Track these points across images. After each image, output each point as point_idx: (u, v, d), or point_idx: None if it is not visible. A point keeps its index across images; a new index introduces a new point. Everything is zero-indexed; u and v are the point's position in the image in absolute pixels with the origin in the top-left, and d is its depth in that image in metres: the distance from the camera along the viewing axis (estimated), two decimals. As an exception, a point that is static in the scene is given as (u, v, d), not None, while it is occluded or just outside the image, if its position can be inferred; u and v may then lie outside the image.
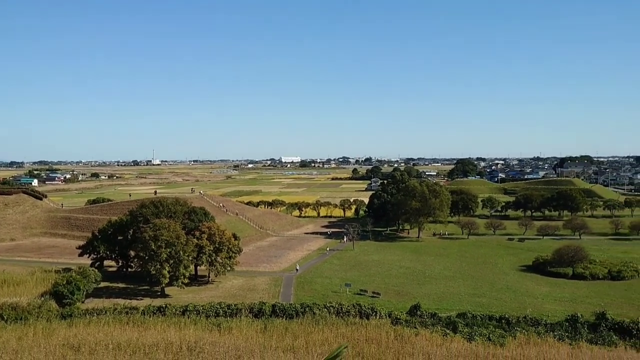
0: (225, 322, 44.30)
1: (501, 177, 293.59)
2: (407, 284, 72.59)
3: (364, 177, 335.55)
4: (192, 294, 66.66)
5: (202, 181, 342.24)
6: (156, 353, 31.68)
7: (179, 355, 32.16)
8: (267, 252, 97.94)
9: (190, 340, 35.64)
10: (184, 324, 43.96)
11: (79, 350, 31.72)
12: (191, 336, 37.33)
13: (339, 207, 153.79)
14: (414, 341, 38.71)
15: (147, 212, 76.84)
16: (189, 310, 47.96)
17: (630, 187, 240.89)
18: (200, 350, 33.41)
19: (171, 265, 65.18)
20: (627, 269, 76.53)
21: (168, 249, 64.80)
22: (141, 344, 34.27)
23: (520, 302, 61.91)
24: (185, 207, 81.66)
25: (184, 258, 65.83)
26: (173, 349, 33.48)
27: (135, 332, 38.71)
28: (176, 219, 75.31)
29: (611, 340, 42.39)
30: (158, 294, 67.20)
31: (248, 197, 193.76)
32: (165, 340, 35.55)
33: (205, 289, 71.12)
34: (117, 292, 68.49)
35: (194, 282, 73.68)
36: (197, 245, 69.87)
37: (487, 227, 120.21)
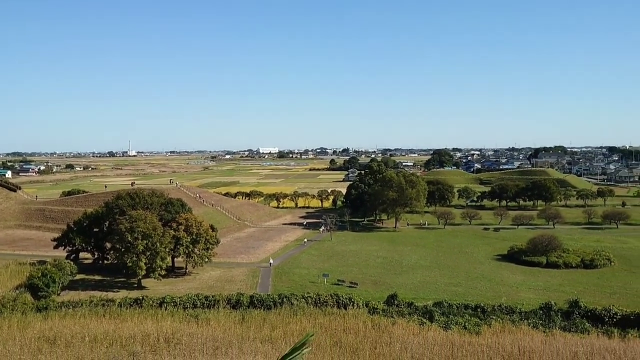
0: (202, 314, 44.28)
1: (477, 167, 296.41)
2: (384, 273, 73.11)
3: (341, 167, 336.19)
4: (169, 286, 66.38)
5: (179, 172, 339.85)
6: (133, 345, 31.59)
7: (156, 347, 32.09)
8: (245, 243, 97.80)
9: (168, 332, 35.57)
10: (161, 315, 43.85)
11: (54, 343, 31.49)
12: (168, 328, 37.26)
13: (317, 197, 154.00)
14: (391, 330, 39.13)
15: (123, 203, 76.18)
16: (166, 302, 47.80)
17: (603, 177, 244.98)
18: (177, 341, 33.37)
19: (148, 257, 64.78)
20: (600, 258, 77.93)
21: (144, 241, 64.38)
22: (118, 336, 34.13)
23: (496, 291, 62.76)
24: (162, 199, 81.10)
25: (160, 250, 65.47)
26: (150, 340, 33.39)
27: (112, 325, 38.53)
28: (153, 211, 74.78)
29: (584, 328, 43.30)
30: (135, 286, 66.80)
31: (226, 188, 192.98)
32: (142, 332, 35.44)
33: (182, 280, 70.86)
34: (93, 285, 67.91)
35: (171, 273, 73.35)
36: (174, 237, 69.50)
37: (463, 217, 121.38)
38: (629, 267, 76.53)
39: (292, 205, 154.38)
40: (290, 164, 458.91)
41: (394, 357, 31.95)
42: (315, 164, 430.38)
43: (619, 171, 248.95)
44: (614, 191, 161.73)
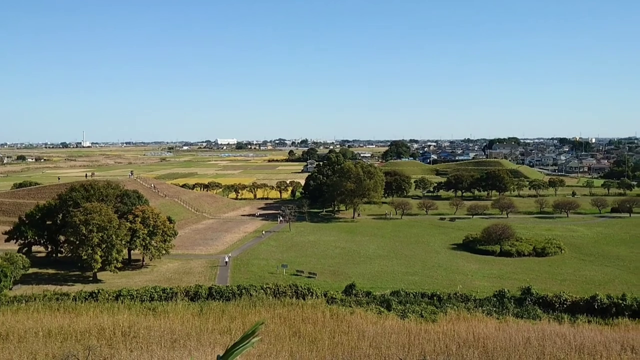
0: (160, 306, 43.92)
1: (433, 158, 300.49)
2: (342, 264, 73.71)
3: (300, 159, 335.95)
4: (125, 279, 65.51)
5: (135, 163, 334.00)
6: (89, 339, 31.19)
7: (112, 340, 31.74)
8: (203, 234, 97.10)
9: (124, 325, 35.20)
10: (117, 309, 43.29)
11: (7, 339, 30.83)
12: (125, 321, 36.85)
13: (276, 189, 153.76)
14: (349, 320, 39.59)
15: (77, 195, 74.64)
16: (122, 295, 47.19)
17: (554, 167, 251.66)
18: (134, 335, 33.07)
19: (103, 249, 63.75)
20: (551, 246, 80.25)
21: (100, 233, 63.31)
22: (73, 330, 33.63)
23: (451, 279, 64.00)
24: (118, 190, 79.80)
25: (116, 242, 64.51)
26: (106, 334, 33.01)
27: (67, 319, 37.91)
28: (108, 203, 73.54)
29: (536, 314, 44.62)
30: (90, 279, 65.69)
31: (183, 179, 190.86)
32: (98, 325, 35.00)
33: (139, 273, 70.00)
34: (47, 278, 66.47)
35: (127, 266, 72.38)
36: (130, 229, 68.55)
37: (419, 207, 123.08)
38: (578, 254, 79.07)
39: (251, 197, 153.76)
40: (249, 155, 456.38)
41: (352, 346, 32.37)
42: (274, 155, 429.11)
43: (569, 162, 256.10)
44: (564, 181, 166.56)
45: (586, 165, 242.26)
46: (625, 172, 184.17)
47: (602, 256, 77.49)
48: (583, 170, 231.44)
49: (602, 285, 59.24)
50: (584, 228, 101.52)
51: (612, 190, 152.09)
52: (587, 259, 75.99)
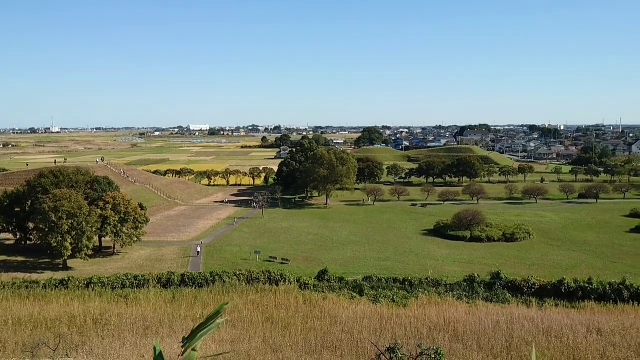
0: (132, 294, 43.63)
1: (406, 145, 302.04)
2: (315, 250, 74.01)
3: (273, 145, 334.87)
4: (96, 266, 64.84)
5: (105, 150, 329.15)
6: (59, 327, 30.89)
7: (83, 328, 31.49)
8: (175, 221, 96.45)
9: (96, 313, 34.95)
10: (88, 296, 42.93)
11: (-25, 328, 30.37)
12: (96, 309, 36.58)
13: (249, 175, 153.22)
14: (322, 305, 39.88)
15: (46, 182, 73.41)
16: (93, 282, 46.77)
17: (524, 154, 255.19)
18: (106, 322, 32.85)
19: (73, 237, 62.92)
20: (520, 231, 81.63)
21: (70, 220, 62.45)
22: (43, 318, 33.27)
23: (423, 264, 64.74)
24: (88, 177, 78.68)
25: (87, 229, 63.72)
26: (77, 322, 32.74)
27: (37, 307, 37.47)
28: (78, 189, 72.51)
29: (505, 298, 45.48)
30: (60, 266, 64.85)
31: (155, 165, 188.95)
32: (68, 313, 34.69)
33: (110, 260, 69.34)
34: (16, 266, 65.43)
35: (98, 253, 71.64)
36: (101, 216, 67.75)
37: (392, 193, 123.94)
38: (546, 239, 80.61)
39: (224, 183, 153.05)
40: (221, 141, 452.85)
41: (324, 331, 32.64)
42: (247, 141, 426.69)
43: (538, 149, 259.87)
44: (533, 168, 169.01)
45: (555, 152, 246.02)
46: (593, 158, 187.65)
47: (570, 241, 79.12)
48: (552, 157, 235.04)
49: (569, 269, 60.52)
50: (552, 214, 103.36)
51: (579, 176, 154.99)
52: (555, 244, 77.50)
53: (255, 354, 26.32)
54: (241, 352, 26.71)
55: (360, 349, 27.57)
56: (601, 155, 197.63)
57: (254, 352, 26.83)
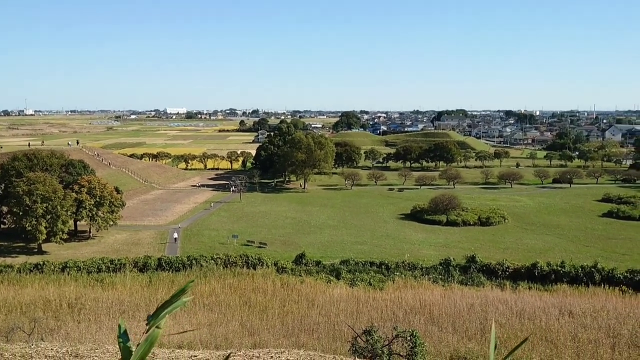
0: (108, 278, 43.47)
1: (383, 129, 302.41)
2: (292, 234, 74.16)
3: (251, 129, 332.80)
4: (72, 250, 64.25)
5: (81, 133, 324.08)
6: (34, 311, 30.69)
7: (59, 312, 31.35)
8: (152, 205, 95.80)
9: (71, 297, 34.78)
10: (63, 280, 42.64)
11: (-52, 312, 30.05)
12: (72, 293, 36.39)
13: (226, 159, 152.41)
14: (299, 289, 40.14)
15: (19, 165, 72.29)
16: (68, 266, 46.41)
17: (500, 139, 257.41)
18: (81, 306, 32.73)
19: (48, 220, 62.22)
20: (495, 215, 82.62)
21: (44, 204, 61.70)
22: (18, 302, 33.03)
23: (399, 248, 65.26)
24: (62, 160, 77.64)
25: (62, 213, 63.03)
26: (52, 306, 32.56)
27: (11, 291, 37.14)
28: (52, 173, 71.56)
29: (480, 281, 46.18)
30: (35, 251, 64.14)
31: (131, 149, 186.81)
32: (43, 298, 34.47)
33: (86, 244, 68.75)
34: (-11, 251, 64.61)
35: (74, 237, 70.95)
36: (76, 200, 67.02)
37: (369, 177, 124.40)
38: (521, 223, 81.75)
39: (201, 167, 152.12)
40: (199, 125, 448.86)
41: (302, 314, 32.88)
42: (224, 125, 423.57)
43: (514, 134, 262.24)
44: (509, 153, 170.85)
45: (530, 137, 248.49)
46: (567, 144, 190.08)
47: (543, 225, 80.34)
48: (527, 142, 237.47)
49: (543, 253, 61.45)
50: (526, 198, 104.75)
51: (554, 161, 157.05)
52: (529, 228, 78.65)
53: (232, 337, 26.43)
54: (218, 335, 26.80)
55: (337, 332, 27.84)
56: (575, 140, 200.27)
57: (232, 335, 26.95)
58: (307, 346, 22.48)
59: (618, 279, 45.07)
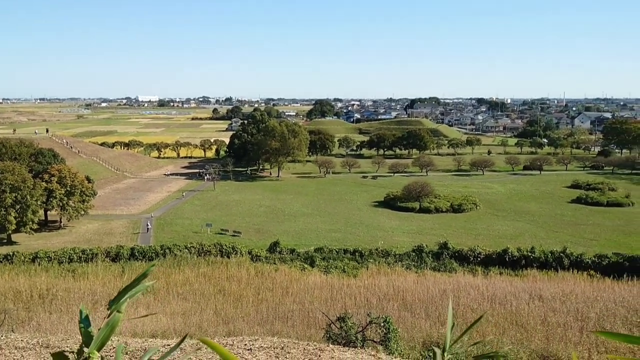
0: (80, 268, 42.99)
1: (357, 117, 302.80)
2: (267, 222, 74.12)
3: (224, 117, 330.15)
4: (42, 240, 63.33)
5: (50, 121, 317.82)
6: (4, 302, 30.28)
7: (29, 303, 30.97)
8: (124, 194, 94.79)
9: (42, 288, 34.38)
10: (34, 271, 42.06)
11: None
12: (43, 283, 35.97)
13: (200, 147, 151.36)
14: (274, 277, 40.22)
15: (-14, 154, 70.91)
16: (39, 257, 45.74)
17: (472, 126, 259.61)
18: (53, 297, 32.39)
19: (17, 210, 61.21)
20: (467, 202, 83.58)
21: (13, 194, 60.64)
22: (-13, 294, 32.50)
23: (373, 235, 65.66)
24: (32, 149, 76.37)
25: (31, 203, 62.06)
26: (23, 297, 32.16)
27: (-20, 283, 36.50)
28: (21, 162, 70.31)
29: (452, 267, 46.75)
30: (4, 241, 63.07)
31: (102, 137, 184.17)
32: (14, 289, 34.01)
33: (57, 234, 67.82)
34: (-44, 242, 63.33)
35: (44, 227, 69.93)
36: (46, 189, 65.99)
37: (343, 165, 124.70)
38: (492, 210, 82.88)
39: (174, 156, 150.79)
40: (171, 113, 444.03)
41: (276, 302, 32.99)
42: (197, 113, 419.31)
43: (486, 121, 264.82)
44: (481, 140, 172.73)
45: (502, 125, 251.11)
46: (537, 131, 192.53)
47: (514, 212, 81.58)
48: (499, 130, 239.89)
49: (513, 239, 62.47)
50: (498, 185, 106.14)
51: (524, 148, 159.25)
52: (500, 215, 79.79)
53: (206, 325, 26.42)
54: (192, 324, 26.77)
55: (311, 319, 28.01)
56: (545, 128, 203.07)
57: (206, 324, 26.94)
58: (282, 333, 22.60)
59: (586, 264, 46.07)
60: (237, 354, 7.85)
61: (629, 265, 44.26)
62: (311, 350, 8.19)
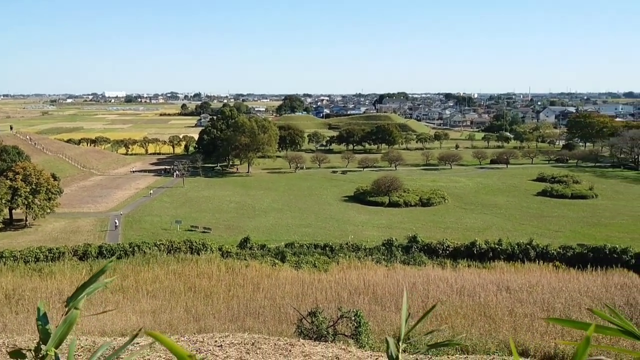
0: (47, 267, 42.34)
1: (326, 112, 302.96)
2: (237, 218, 73.86)
3: (193, 113, 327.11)
4: (8, 240, 62.04)
5: (14, 118, 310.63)
6: (-31, 304, 29.69)
7: (-5, 304, 30.42)
8: (91, 192, 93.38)
9: (8, 288, 33.83)
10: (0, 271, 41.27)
11: None
12: (9, 283, 35.37)
13: (168, 143, 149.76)
14: (244, 273, 40.20)
15: (-53, 152, 69.14)
16: (4, 256, 44.85)
17: (440, 121, 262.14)
18: (19, 297, 31.91)
19: (-19, 210, 59.92)
20: (436, 196, 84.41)
21: (-24, 193, 59.34)
22: (-49, 295, 31.82)
23: (343, 230, 65.92)
24: (-6, 147, 74.71)
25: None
26: (-11, 298, 31.55)
27: (-57, 284, 35.70)
28: (-16, 160, 68.79)
29: (421, 260, 47.28)
30: (-33, 241, 61.67)
31: (68, 134, 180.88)
32: (-21, 289, 33.34)
33: (22, 233, 66.49)
34: None
35: (9, 226, 68.50)
36: (10, 187, 64.66)
37: (313, 160, 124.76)
38: (460, 203, 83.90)
39: (142, 152, 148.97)
40: (139, 109, 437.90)
41: (247, 298, 33.01)
42: (166, 109, 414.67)
43: (453, 116, 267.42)
44: (449, 135, 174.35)
45: (469, 120, 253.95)
46: (504, 125, 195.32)
47: (482, 205, 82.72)
48: (466, 124, 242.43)
49: (481, 231, 63.35)
50: (465, 179, 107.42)
51: (491, 143, 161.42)
52: (468, 208, 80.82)
53: (177, 323, 26.34)
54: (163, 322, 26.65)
55: (282, 315, 28.12)
56: (511, 122, 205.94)
57: (176, 321, 26.85)
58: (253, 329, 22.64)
59: (552, 255, 47.08)
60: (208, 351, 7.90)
61: (592, 256, 45.37)
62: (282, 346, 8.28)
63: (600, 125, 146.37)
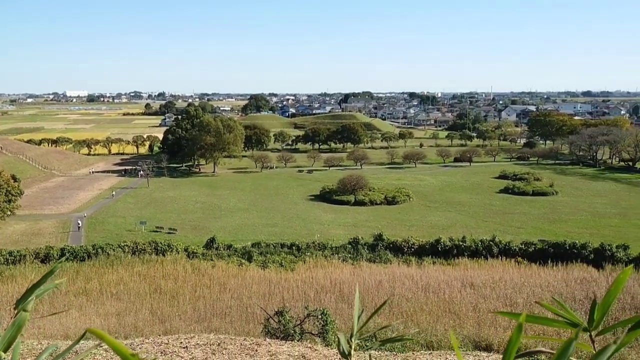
0: (7, 270, 41.45)
1: (292, 112, 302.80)
2: (203, 218, 73.34)
3: (157, 112, 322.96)
4: (-35, 243, 60.41)
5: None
6: None
7: (-46, 309, 29.64)
8: (53, 193, 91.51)
9: (-33, 293, 32.96)
10: (-43, 276, 40.24)
11: None
12: (-32, 288, 34.48)
13: (132, 143, 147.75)
14: (210, 273, 40.02)
15: None
16: (-38, 261, 43.75)
17: (404, 120, 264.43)
18: (-21, 302, 31.12)
19: (-63, 213, 58.21)
20: (401, 194, 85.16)
21: None
22: None
23: (309, 229, 66.02)
24: (-50, 148, 72.66)
25: (-48, 204, 59.15)
26: (-54, 303, 30.75)
27: None
28: (-61, 161, 66.86)
29: (387, 258, 47.74)
30: None
31: (28, 134, 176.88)
32: (-64, 295, 32.47)
33: (-20, 236, 64.82)
34: None
35: (-34, 230, 66.76)
36: (-33, 190, 63.03)
37: (279, 160, 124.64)
38: (425, 201, 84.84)
39: (105, 152, 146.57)
40: (101, 108, 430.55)
41: (214, 299, 32.88)
42: (129, 108, 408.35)
43: (417, 115, 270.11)
44: (413, 133, 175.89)
45: (433, 118, 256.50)
46: (467, 124, 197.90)
47: (446, 202, 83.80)
48: (430, 123, 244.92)
49: (446, 229, 64.14)
50: (430, 177, 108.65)
51: (455, 141, 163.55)
52: (432, 206, 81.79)
53: (142, 325, 26.10)
54: (127, 324, 26.38)
55: (249, 314, 28.11)
56: (474, 121, 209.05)
57: (141, 323, 26.59)
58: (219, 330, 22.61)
59: (514, 251, 48.09)
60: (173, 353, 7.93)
61: (553, 252, 46.49)
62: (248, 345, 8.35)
63: (560, 123, 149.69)
